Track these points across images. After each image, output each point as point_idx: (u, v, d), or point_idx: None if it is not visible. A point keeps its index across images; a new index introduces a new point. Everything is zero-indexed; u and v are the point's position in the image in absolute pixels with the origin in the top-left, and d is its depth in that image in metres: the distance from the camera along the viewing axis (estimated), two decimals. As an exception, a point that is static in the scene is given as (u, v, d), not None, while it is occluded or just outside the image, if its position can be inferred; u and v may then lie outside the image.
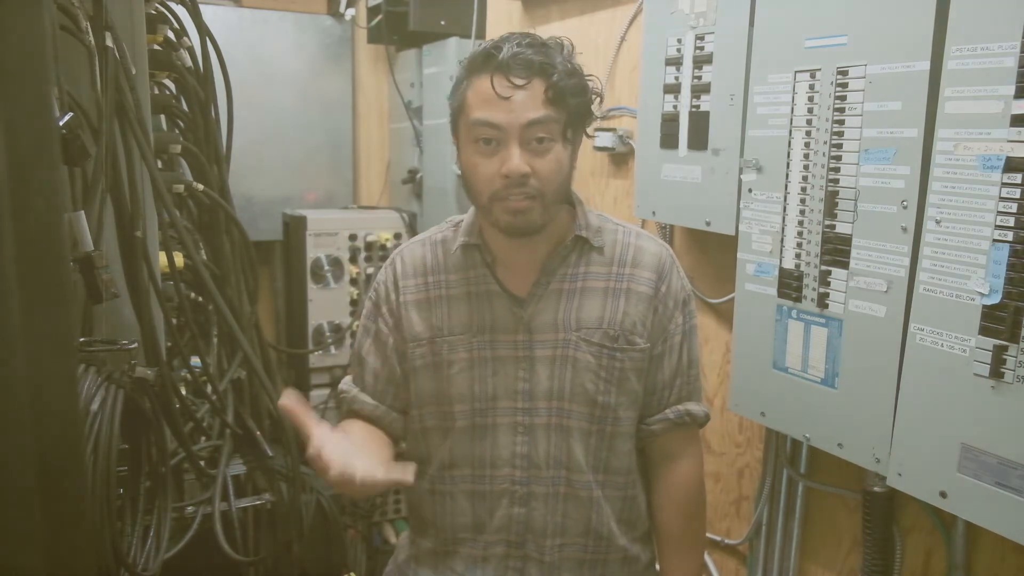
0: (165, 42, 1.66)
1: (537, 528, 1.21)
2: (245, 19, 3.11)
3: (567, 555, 1.22)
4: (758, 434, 1.69)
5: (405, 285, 1.23)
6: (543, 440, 1.19)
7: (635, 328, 1.20)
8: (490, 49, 1.10)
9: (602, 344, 1.19)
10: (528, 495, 1.20)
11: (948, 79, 1.10)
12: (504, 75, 1.07)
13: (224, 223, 1.85)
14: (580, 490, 1.21)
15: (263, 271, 3.18)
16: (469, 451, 1.21)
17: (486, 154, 1.10)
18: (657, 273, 1.22)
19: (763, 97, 1.42)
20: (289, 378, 3.14)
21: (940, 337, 1.13)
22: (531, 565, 1.22)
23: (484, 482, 1.21)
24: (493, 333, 1.19)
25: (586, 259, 1.21)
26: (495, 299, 1.20)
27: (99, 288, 1.08)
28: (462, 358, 1.19)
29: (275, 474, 1.71)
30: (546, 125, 1.09)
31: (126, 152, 1.27)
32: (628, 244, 1.23)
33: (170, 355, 1.56)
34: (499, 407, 1.19)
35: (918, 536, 1.38)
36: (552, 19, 2.28)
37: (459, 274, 1.22)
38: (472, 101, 1.11)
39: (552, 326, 1.19)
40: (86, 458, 0.98)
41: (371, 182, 3.46)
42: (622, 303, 1.20)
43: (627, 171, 2.02)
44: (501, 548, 1.22)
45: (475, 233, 1.21)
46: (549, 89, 1.08)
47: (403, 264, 1.25)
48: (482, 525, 1.22)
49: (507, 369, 1.19)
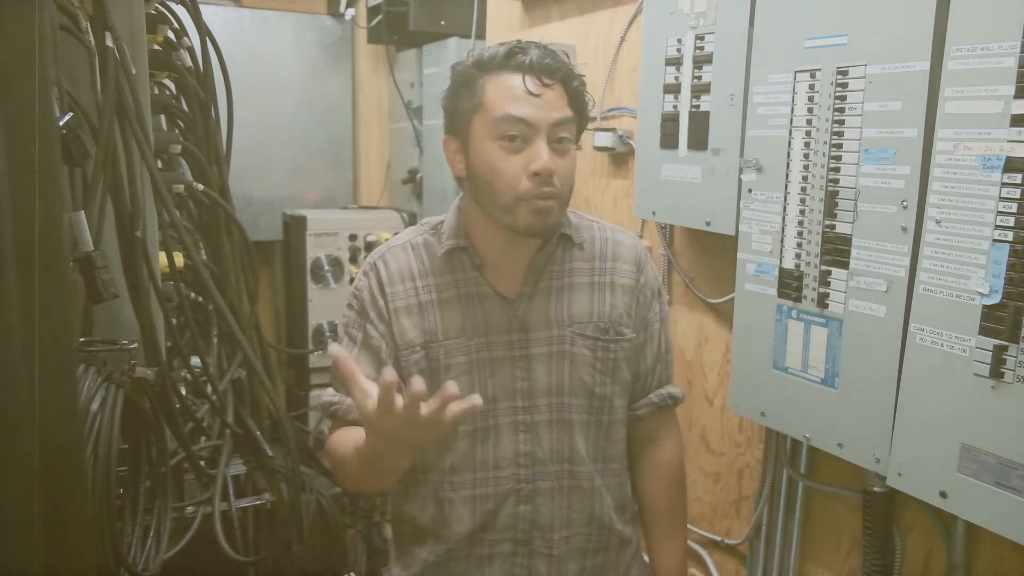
0: (165, 42, 1.66)
1: (544, 523, 1.22)
2: (245, 19, 3.11)
3: (572, 546, 1.24)
4: (758, 434, 1.69)
5: (393, 291, 1.21)
6: (546, 436, 1.21)
7: (622, 319, 1.24)
8: (513, 48, 1.12)
9: (595, 337, 1.22)
10: (533, 492, 1.21)
11: (948, 79, 1.10)
12: (535, 74, 1.10)
13: (224, 223, 1.85)
14: (583, 481, 1.23)
15: (263, 271, 3.19)
16: (471, 455, 1.21)
17: (511, 151, 1.11)
18: (636, 265, 1.27)
19: (763, 97, 1.42)
20: (289, 378, 3.14)
21: (940, 337, 1.13)
22: (538, 560, 1.23)
23: (488, 484, 1.21)
24: (488, 335, 1.19)
25: (569, 256, 1.24)
26: (486, 301, 1.20)
27: (99, 288, 1.08)
28: (460, 362, 1.19)
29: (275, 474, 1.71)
30: (568, 126, 1.13)
31: (126, 152, 1.27)
32: (606, 239, 1.27)
33: (170, 355, 1.56)
34: (499, 408, 1.20)
35: (918, 536, 1.38)
36: (552, 19, 2.28)
37: (447, 277, 1.21)
38: (496, 98, 1.11)
39: (546, 323, 1.20)
40: (86, 458, 0.98)
41: (371, 182, 3.46)
42: (608, 296, 1.24)
43: (627, 171, 2.02)
44: (507, 546, 1.22)
45: (462, 236, 1.20)
46: (571, 94, 1.14)
47: (387, 269, 1.22)
48: (486, 526, 1.21)
49: (504, 370, 1.20)
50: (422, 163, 3.01)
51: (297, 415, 2.99)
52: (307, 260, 2.95)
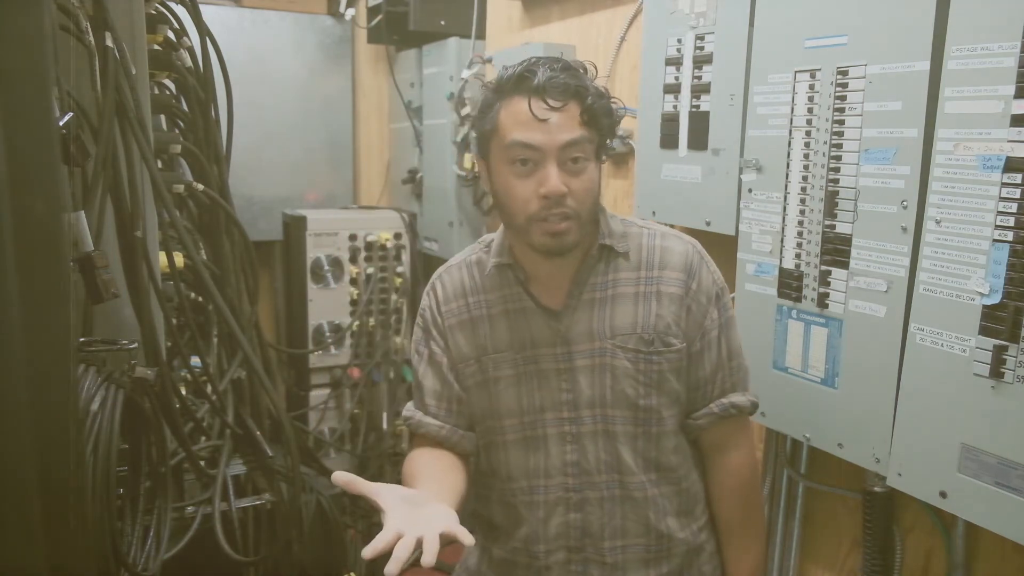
0: (165, 42, 1.66)
1: (594, 532, 1.23)
2: (245, 19, 3.11)
3: (630, 556, 1.24)
4: (758, 434, 1.69)
5: (448, 309, 1.27)
6: (591, 447, 1.21)
7: (669, 329, 1.21)
8: (523, 72, 1.11)
9: (637, 349, 1.20)
10: (582, 501, 1.22)
11: (948, 79, 1.10)
12: (541, 97, 1.09)
13: (224, 223, 1.85)
14: (635, 491, 1.22)
15: (263, 271, 3.18)
16: (524, 463, 1.24)
17: (522, 175, 1.12)
18: (686, 272, 1.23)
19: (763, 97, 1.42)
20: (289, 378, 3.14)
21: (940, 337, 1.13)
22: (593, 567, 1.24)
23: (539, 492, 1.24)
24: (534, 348, 1.22)
25: (614, 266, 1.22)
26: (531, 315, 1.22)
27: (99, 288, 1.08)
28: (508, 375, 1.23)
29: (275, 474, 1.71)
30: (581, 146, 1.11)
31: (126, 152, 1.27)
32: (654, 247, 1.24)
33: (170, 355, 1.56)
34: (547, 419, 1.22)
35: (918, 536, 1.38)
36: (552, 19, 2.28)
37: (496, 293, 1.24)
38: (507, 123, 1.12)
39: (588, 336, 1.21)
40: (86, 458, 0.97)
41: (371, 182, 3.46)
42: (653, 306, 1.21)
43: (627, 171, 2.02)
44: (562, 554, 1.24)
45: (506, 253, 1.23)
46: (584, 112, 1.11)
47: (443, 288, 1.28)
48: (539, 534, 1.24)
49: (550, 382, 1.22)
50: (422, 163, 3.01)
51: (297, 415, 2.99)
52: (307, 260, 2.95)
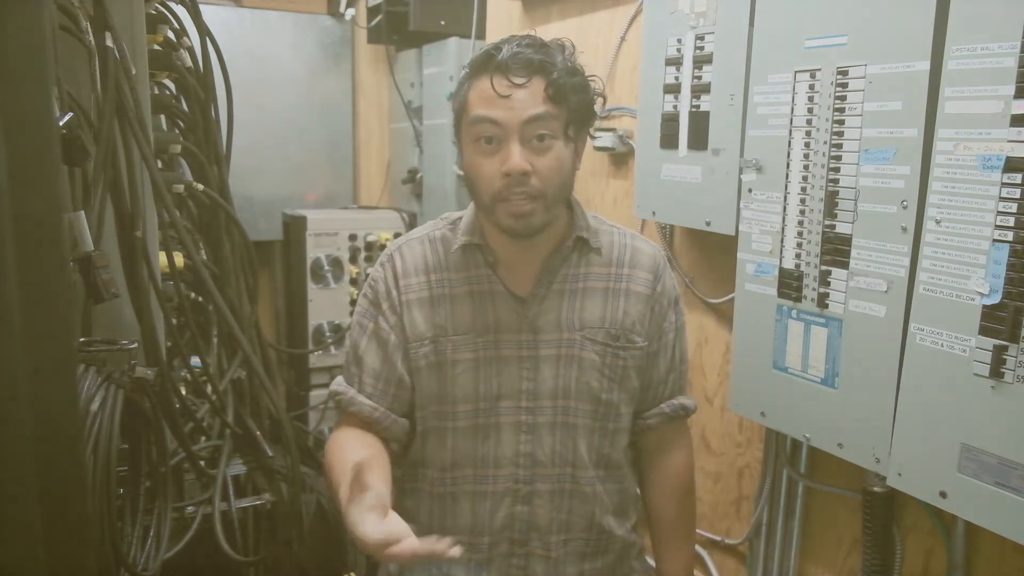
0: (165, 42, 1.66)
1: (541, 525, 1.22)
2: (245, 19, 3.11)
3: (571, 550, 1.24)
4: (758, 434, 1.69)
5: (407, 284, 1.22)
6: (548, 438, 1.20)
7: (634, 327, 1.23)
8: (490, 50, 1.11)
9: (605, 343, 1.21)
10: (531, 493, 1.21)
11: (948, 79, 1.10)
12: (503, 74, 1.08)
13: (224, 223, 1.85)
14: (584, 486, 1.23)
15: (263, 271, 3.19)
16: (472, 451, 1.21)
17: (487, 153, 1.10)
18: (653, 273, 1.25)
19: (763, 97, 1.42)
20: (289, 378, 3.14)
21: (940, 337, 1.13)
22: (535, 562, 1.23)
23: (486, 482, 1.21)
24: (497, 333, 1.19)
25: (586, 260, 1.23)
26: (498, 299, 1.20)
27: (99, 288, 1.08)
28: (467, 358, 1.20)
29: (275, 474, 1.71)
30: (546, 122, 1.09)
31: (126, 152, 1.27)
32: (624, 245, 1.26)
33: (170, 355, 1.56)
34: (502, 407, 1.20)
35: (918, 536, 1.38)
36: (552, 19, 2.28)
37: (461, 273, 1.21)
38: (473, 100, 1.11)
39: (556, 326, 1.20)
40: (86, 458, 0.98)
41: (371, 182, 3.46)
42: (622, 303, 1.22)
43: (627, 171, 2.02)
44: (504, 547, 1.22)
45: (476, 233, 1.21)
46: (549, 87, 1.09)
47: (403, 261, 1.23)
48: (484, 525, 1.22)
49: (511, 369, 1.20)
50: (422, 163, 3.01)
51: (297, 415, 3.00)
52: (307, 260, 2.95)
